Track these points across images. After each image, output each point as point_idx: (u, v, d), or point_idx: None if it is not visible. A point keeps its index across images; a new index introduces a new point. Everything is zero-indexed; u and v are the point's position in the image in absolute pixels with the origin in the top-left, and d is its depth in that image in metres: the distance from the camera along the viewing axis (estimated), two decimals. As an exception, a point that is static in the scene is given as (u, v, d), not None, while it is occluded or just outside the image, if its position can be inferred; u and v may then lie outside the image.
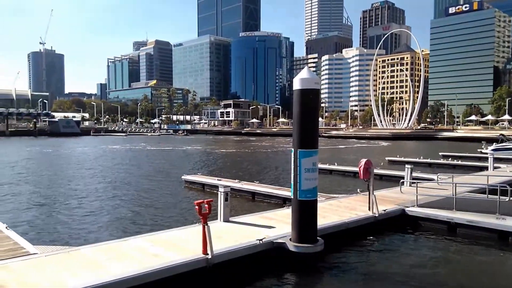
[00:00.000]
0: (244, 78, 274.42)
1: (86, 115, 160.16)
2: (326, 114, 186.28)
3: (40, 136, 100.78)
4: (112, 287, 6.89)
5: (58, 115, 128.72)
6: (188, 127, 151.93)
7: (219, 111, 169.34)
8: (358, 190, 15.79)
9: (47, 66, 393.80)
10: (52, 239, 11.75)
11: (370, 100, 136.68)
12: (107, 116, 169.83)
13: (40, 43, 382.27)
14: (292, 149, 9.47)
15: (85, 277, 7.06)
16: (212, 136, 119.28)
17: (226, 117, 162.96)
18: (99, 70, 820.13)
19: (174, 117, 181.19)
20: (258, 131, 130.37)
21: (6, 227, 10.68)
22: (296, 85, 9.38)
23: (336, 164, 27.93)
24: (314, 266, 9.31)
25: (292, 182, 9.47)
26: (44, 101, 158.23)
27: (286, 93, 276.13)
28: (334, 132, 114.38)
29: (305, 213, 9.28)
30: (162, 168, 32.84)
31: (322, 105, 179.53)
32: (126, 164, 36.18)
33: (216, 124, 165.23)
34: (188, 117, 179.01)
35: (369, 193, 12.28)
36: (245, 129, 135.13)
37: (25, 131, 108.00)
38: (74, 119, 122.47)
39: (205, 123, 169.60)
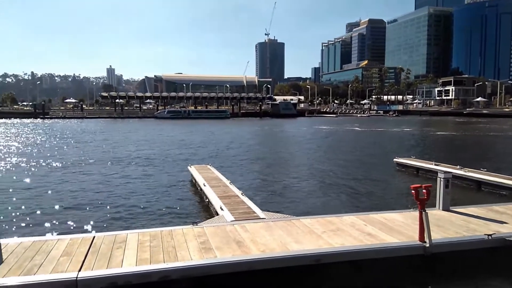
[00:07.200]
0: (468, 51, 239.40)
1: (302, 97, 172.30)
2: None
3: (264, 117, 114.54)
4: (331, 257, 7.35)
5: (279, 99, 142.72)
6: (400, 107, 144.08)
7: (436, 89, 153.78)
8: None
9: (270, 55, 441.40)
10: (275, 206, 13.32)
11: None
12: (319, 98, 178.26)
13: (265, 34, 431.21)
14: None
15: (306, 244, 7.78)
16: (426, 117, 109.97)
17: (445, 96, 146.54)
18: (314, 55, 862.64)
19: (385, 97, 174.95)
20: (484, 111, 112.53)
21: (242, 194, 12.74)
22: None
23: None
24: None
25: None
26: (268, 86, 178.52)
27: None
28: None
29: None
30: (372, 149, 32.51)
31: None
32: (337, 144, 37.46)
33: (432, 104, 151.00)
34: (400, 97, 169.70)
35: None
36: (467, 109, 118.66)
37: (252, 113, 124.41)
38: (291, 101, 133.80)
39: (419, 103, 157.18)
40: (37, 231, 10.83)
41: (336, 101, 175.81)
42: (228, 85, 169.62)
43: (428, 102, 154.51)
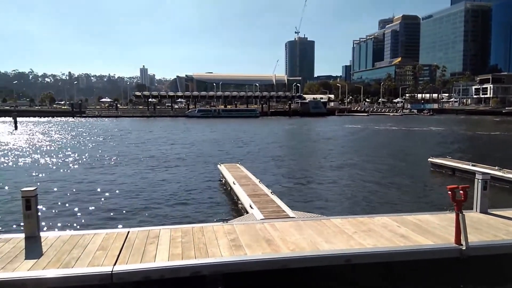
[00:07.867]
0: (507, 47, 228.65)
1: (332, 96, 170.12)
2: None
3: (293, 116, 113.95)
4: (362, 258, 7.25)
5: (308, 97, 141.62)
6: (435, 106, 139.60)
7: (473, 87, 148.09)
8: None
9: (300, 53, 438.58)
10: (304, 205, 13.25)
11: None
12: (350, 97, 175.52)
13: (295, 32, 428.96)
14: None
15: (336, 244, 7.68)
16: (463, 116, 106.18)
17: (483, 94, 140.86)
18: (345, 53, 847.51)
19: (419, 96, 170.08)
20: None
21: (271, 192, 12.74)
22: None
23: None
24: None
25: None
26: (297, 84, 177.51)
27: None
28: None
29: None
30: (407, 149, 31.74)
31: None
32: (370, 143, 36.78)
33: (469, 102, 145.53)
34: (434, 95, 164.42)
35: None
36: (507, 108, 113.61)
37: (281, 112, 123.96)
38: (321, 100, 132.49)
39: (455, 101, 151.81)
40: (74, 225, 11.28)
41: (367, 100, 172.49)
42: (257, 84, 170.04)
43: (464, 101, 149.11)
